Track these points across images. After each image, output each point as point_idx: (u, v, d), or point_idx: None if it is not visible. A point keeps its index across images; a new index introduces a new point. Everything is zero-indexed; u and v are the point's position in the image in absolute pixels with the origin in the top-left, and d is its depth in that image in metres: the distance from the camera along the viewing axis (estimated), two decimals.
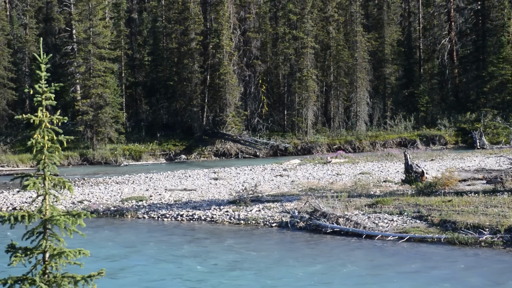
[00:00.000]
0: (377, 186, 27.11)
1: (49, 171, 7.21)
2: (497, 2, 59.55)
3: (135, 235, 20.39)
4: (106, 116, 49.29)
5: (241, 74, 56.12)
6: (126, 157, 48.28)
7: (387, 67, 60.23)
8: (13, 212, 7.10)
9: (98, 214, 23.77)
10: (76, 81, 52.43)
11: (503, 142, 48.69)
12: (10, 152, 47.75)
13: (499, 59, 55.91)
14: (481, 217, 18.61)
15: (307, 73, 53.43)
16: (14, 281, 7.06)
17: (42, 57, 7.39)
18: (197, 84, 53.46)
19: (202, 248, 18.36)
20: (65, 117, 7.51)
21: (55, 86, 7.32)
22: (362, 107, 57.04)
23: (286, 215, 21.45)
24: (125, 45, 58.16)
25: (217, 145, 51.05)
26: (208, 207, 23.78)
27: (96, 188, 30.30)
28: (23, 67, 60.31)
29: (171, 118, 57.99)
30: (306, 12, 54.62)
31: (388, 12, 61.23)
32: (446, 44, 62.29)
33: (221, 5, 52.36)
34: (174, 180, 32.88)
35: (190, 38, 53.11)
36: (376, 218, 20.26)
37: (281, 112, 57.78)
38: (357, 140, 52.84)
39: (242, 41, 56.92)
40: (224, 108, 52.11)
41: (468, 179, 25.08)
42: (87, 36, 50.60)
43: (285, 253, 17.51)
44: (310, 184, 28.60)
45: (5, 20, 59.29)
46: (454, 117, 56.38)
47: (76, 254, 7.09)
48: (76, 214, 7.11)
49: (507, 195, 21.96)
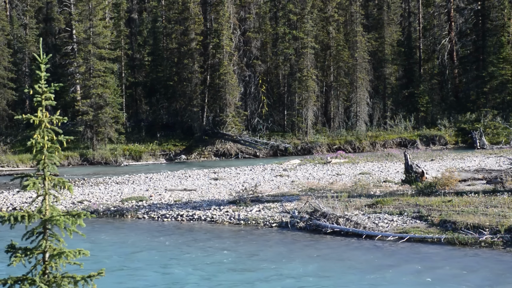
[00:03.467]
0: (377, 186, 27.11)
1: (49, 171, 7.21)
2: (497, 2, 59.59)
3: (135, 235, 20.39)
4: (106, 116, 49.31)
5: (241, 74, 56.14)
6: (126, 157, 48.30)
7: (387, 67, 60.25)
8: (13, 212, 7.09)
9: (98, 214, 23.76)
10: (76, 81, 52.48)
11: (503, 142, 48.70)
12: (10, 152, 47.76)
13: (499, 59, 55.93)
14: (481, 217, 18.60)
15: (307, 73, 53.45)
16: (14, 281, 7.05)
17: (42, 57, 7.39)
18: (197, 84, 53.49)
19: (202, 248, 18.36)
20: (65, 117, 7.50)
21: (55, 86, 7.31)
22: (362, 107, 57.06)
23: (286, 215, 21.44)
24: (125, 45, 58.18)
25: (217, 145, 51.06)
26: (208, 207, 23.77)
27: (96, 188, 30.30)
28: (23, 67, 60.32)
29: (171, 118, 58.01)
30: (306, 12, 54.64)
31: (388, 12, 61.25)
32: (446, 44, 62.31)
33: (221, 5, 52.38)
34: (174, 180, 32.88)
35: (190, 38, 53.13)
36: (376, 218, 20.25)
37: (281, 112, 57.81)
38: (357, 140, 52.85)
39: (242, 41, 56.93)
40: (224, 108, 52.13)
41: (468, 179, 25.07)
42: (87, 36, 50.63)
43: (285, 253, 17.50)
44: (310, 184, 28.59)
45: (5, 20, 59.32)
46: (454, 117, 56.41)
47: (76, 254, 7.09)
48: (76, 214, 7.11)
49: (507, 195, 21.95)
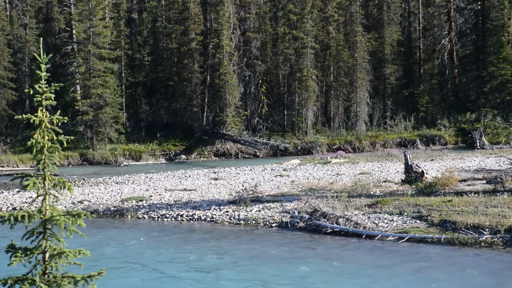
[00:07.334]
0: (377, 186, 27.11)
1: (49, 171, 7.21)
2: (497, 2, 59.56)
3: (135, 235, 20.38)
4: (106, 116, 49.30)
5: (241, 74, 56.13)
6: (126, 157, 48.28)
7: (387, 67, 60.24)
8: (13, 212, 7.09)
9: (98, 214, 23.76)
10: (76, 81, 52.45)
11: (503, 142, 48.69)
12: (10, 152, 47.75)
13: (499, 59, 55.92)
14: (481, 217, 18.60)
15: (307, 73, 53.44)
16: (14, 281, 7.06)
17: (42, 57, 7.39)
18: (197, 84, 53.48)
19: (202, 248, 18.36)
20: (65, 117, 7.50)
21: (55, 86, 7.32)
22: (362, 107, 57.05)
23: (286, 215, 21.44)
24: (125, 45, 58.16)
25: (217, 145, 51.04)
26: (208, 207, 23.77)
27: (96, 188, 30.30)
28: (23, 67, 60.31)
29: (171, 118, 57.99)
30: (306, 12, 54.63)
31: (388, 12, 61.25)
32: (446, 44, 62.30)
33: (221, 5, 52.38)
34: (174, 180, 32.88)
35: (190, 38, 53.12)
36: (376, 218, 20.26)
37: (281, 112, 57.81)
38: (357, 140, 52.85)
39: (242, 41, 56.92)
40: (224, 108, 52.11)
41: (468, 179, 25.09)
42: (87, 36, 50.61)
43: (285, 253, 17.51)
44: (310, 184, 28.59)
45: (5, 20, 59.29)
46: (454, 117, 56.41)
47: (76, 254, 7.09)
48: (76, 214, 7.12)
49: (507, 195, 21.96)
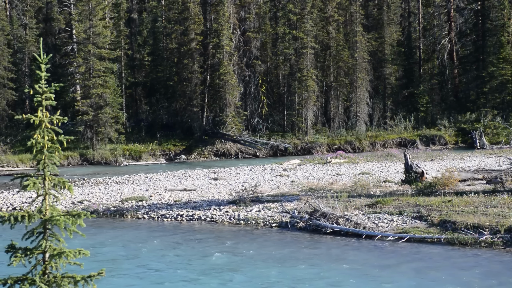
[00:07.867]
0: (377, 186, 27.10)
1: (49, 171, 7.21)
2: (497, 2, 59.56)
3: (135, 236, 20.38)
4: (106, 116, 49.30)
5: (241, 74, 56.13)
6: (126, 157, 48.29)
7: (387, 67, 60.25)
8: (13, 212, 7.09)
9: (98, 214, 23.75)
10: (76, 81, 52.46)
11: (503, 142, 48.70)
12: (10, 152, 47.74)
13: (499, 59, 55.93)
14: (481, 217, 18.59)
15: (307, 73, 53.45)
16: (14, 281, 7.05)
17: (42, 57, 7.39)
18: (197, 84, 53.48)
19: (201, 248, 18.36)
20: (65, 117, 7.50)
21: (55, 86, 7.31)
22: (362, 107, 57.06)
23: (286, 215, 21.43)
24: (125, 45, 58.16)
25: (217, 145, 51.05)
26: (208, 207, 23.76)
27: (96, 188, 30.30)
28: (23, 67, 60.31)
29: (171, 118, 57.98)
30: (306, 12, 54.64)
31: (388, 12, 61.26)
32: (446, 44, 62.30)
33: (221, 5, 52.38)
34: (174, 180, 32.87)
35: (190, 38, 53.12)
36: (376, 218, 20.25)
37: (281, 112, 57.80)
38: (357, 140, 52.85)
39: (242, 41, 56.93)
40: (224, 108, 52.12)
41: (468, 179, 25.08)
42: (87, 36, 50.62)
43: (285, 253, 17.51)
44: (310, 184, 28.58)
45: (5, 20, 59.28)
46: (454, 117, 56.41)
47: (76, 254, 7.09)
48: (76, 214, 7.11)
49: (507, 195, 21.95)
